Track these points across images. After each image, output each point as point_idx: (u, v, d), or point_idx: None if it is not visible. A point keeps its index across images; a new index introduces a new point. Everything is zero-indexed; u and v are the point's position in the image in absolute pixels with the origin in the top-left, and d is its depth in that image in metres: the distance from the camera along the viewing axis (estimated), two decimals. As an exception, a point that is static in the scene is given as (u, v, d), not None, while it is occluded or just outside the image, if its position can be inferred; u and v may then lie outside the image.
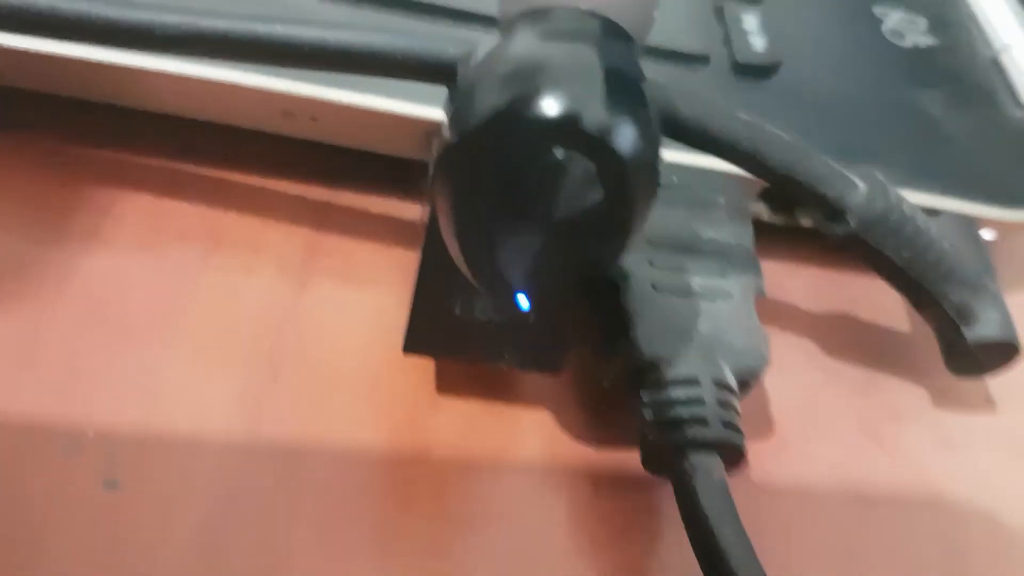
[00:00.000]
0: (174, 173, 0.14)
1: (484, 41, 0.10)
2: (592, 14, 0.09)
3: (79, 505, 0.11)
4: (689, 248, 0.13)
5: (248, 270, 0.13)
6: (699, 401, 0.11)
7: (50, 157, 0.14)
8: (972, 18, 0.20)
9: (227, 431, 0.12)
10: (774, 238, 0.15)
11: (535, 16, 0.09)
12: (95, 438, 0.11)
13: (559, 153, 0.09)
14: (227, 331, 0.13)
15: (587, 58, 0.09)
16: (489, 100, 0.08)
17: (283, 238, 0.14)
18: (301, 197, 0.14)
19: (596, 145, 0.08)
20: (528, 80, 0.08)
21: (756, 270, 0.13)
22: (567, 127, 0.08)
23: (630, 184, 0.09)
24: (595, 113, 0.08)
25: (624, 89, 0.09)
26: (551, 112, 0.08)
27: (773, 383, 0.14)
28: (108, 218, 0.13)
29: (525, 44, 0.09)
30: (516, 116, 0.08)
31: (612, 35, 0.09)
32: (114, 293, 0.13)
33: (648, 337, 0.12)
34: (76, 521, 0.11)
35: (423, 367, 0.13)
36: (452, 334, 0.12)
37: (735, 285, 0.13)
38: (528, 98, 0.08)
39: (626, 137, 0.08)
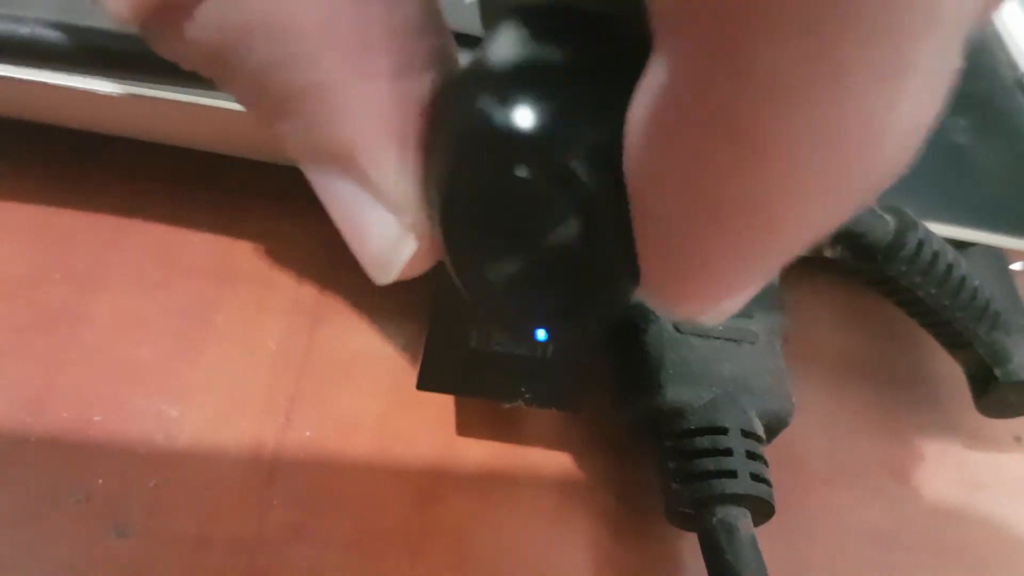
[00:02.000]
0: (184, 205, 0.14)
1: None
2: (574, 10, 0.08)
3: (90, 552, 0.10)
4: (712, 286, 0.13)
5: (261, 307, 0.13)
6: (727, 452, 0.11)
7: (57, 190, 0.14)
8: (997, 39, 0.20)
9: (241, 479, 0.11)
10: (798, 269, 0.15)
11: (517, 16, 0.08)
12: (104, 485, 0.11)
13: (530, 174, 0.08)
14: (240, 374, 0.12)
15: (562, 65, 0.08)
16: (460, 110, 0.08)
17: (296, 273, 0.13)
18: (314, 230, 0.14)
19: (561, 172, 0.07)
20: (496, 96, 0.07)
21: (782, 309, 0.13)
22: (533, 151, 0.07)
23: (609, 205, 0.08)
24: (565, 137, 0.07)
25: (608, 100, 0.08)
26: (518, 129, 0.07)
27: (798, 423, 0.14)
28: (117, 252, 0.13)
29: (501, 46, 0.08)
30: (483, 129, 0.07)
31: (595, 31, 0.08)
32: (126, 334, 0.12)
33: (671, 382, 0.11)
34: (88, 569, 0.10)
35: (439, 409, 0.13)
36: (468, 370, 0.12)
37: (760, 326, 0.12)
38: (496, 110, 0.07)
39: (596, 161, 0.07)
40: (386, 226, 0.08)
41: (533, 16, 0.08)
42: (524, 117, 0.07)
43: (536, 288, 0.09)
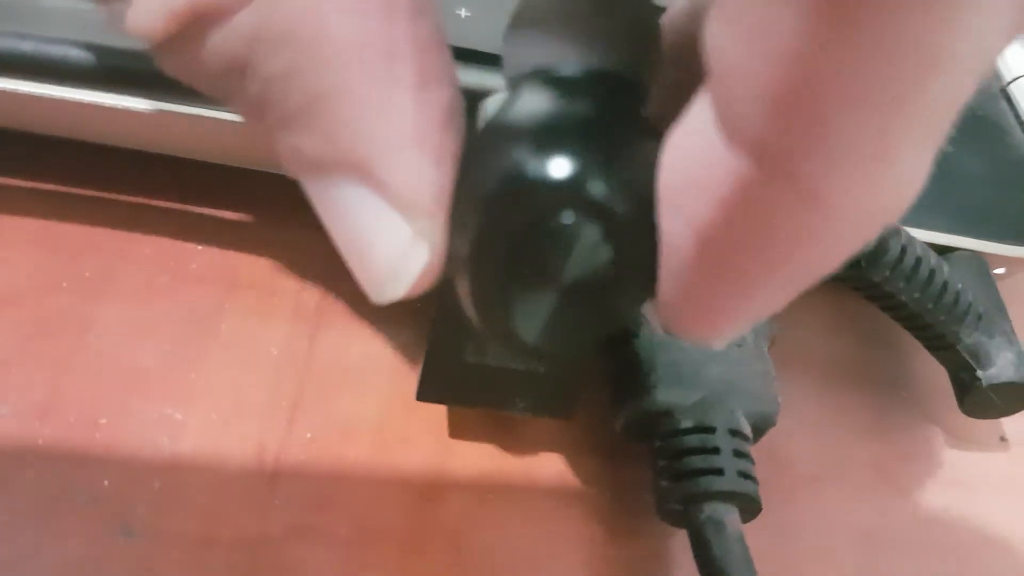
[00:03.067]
0: (188, 215, 0.14)
1: (492, 98, 0.10)
2: (597, 71, 0.09)
3: (97, 552, 0.11)
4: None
5: (264, 314, 0.13)
6: (714, 451, 0.11)
7: (62, 200, 0.14)
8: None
9: (244, 481, 0.12)
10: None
11: (540, 77, 0.09)
12: (111, 487, 0.11)
13: (567, 217, 0.09)
14: (243, 379, 0.13)
15: (591, 120, 0.09)
16: (499, 166, 0.08)
17: (299, 281, 0.14)
18: (316, 239, 0.14)
19: (600, 210, 0.08)
20: (532, 146, 0.08)
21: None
22: (572, 193, 0.08)
23: (637, 246, 0.09)
24: (599, 178, 0.08)
25: (629, 150, 0.09)
26: (556, 177, 0.08)
27: (785, 424, 0.14)
28: (123, 262, 0.14)
29: (530, 107, 0.09)
30: (524, 184, 0.08)
31: (617, 90, 0.09)
32: (131, 340, 0.13)
33: (661, 383, 0.12)
34: (93, 568, 0.11)
35: (437, 412, 0.13)
36: (464, 382, 0.12)
37: (748, 330, 0.13)
38: (532, 165, 0.08)
39: (630, 200, 0.08)
40: (397, 233, 0.08)
41: (557, 75, 0.09)
42: (563, 165, 0.08)
43: (560, 315, 0.09)
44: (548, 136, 0.08)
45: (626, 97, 0.09)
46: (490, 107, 0.10)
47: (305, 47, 0.07)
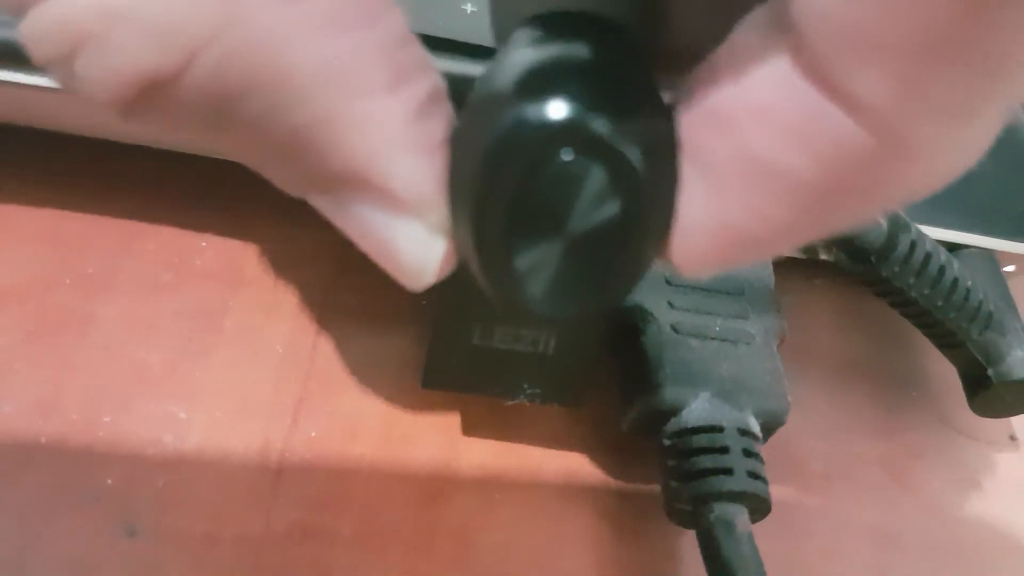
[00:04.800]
0: (192, 211, 0.14)
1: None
2: (591, 15, 0.09)
3: (100, 550, 0.11)
4: (709, 289, 0.13)
5: (269, 311, 0.13)
6: (723, 450, 0.11)
7: (68, 196, 0.14)
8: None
9: (248, 479, 0.12)
10: (794, 271, 0.15)
11: (532, 24, 0.09)
12: (114, 485, 0.11)
13: (570, 159, 0.08)
14: (247, 376, 0.13)
15: (589, 60, 0.08)
16: (494, 112, 0.08)
17: (303, 277, 0.14)
18: (320, 235, 0.14)
19: (601, 147, 0.08)
20: (530, 89, 0.08)
21: (778, 311, 0.13)
22: (569, 131, 0.08)
23: (643, 190, 0.08)
24: (595, 114, 0.08)
25: (626, 89, 0.08)
26: (556, 116, 0.08)
27: (795, 423, 0.14)
28: (127, 258, 0.13)
29: (524, 52, 0.09)
30: (522, 127, 0.08)
31: (615, 35, 0.09)
32: (134, 337, 0.13)
33: (669, 381, 0.12)
34: (95, 567, 0.11)
35: (443, 409, 0.13)
36: (471, 367, 0.12)
37: (757, 327, 0.13)
38: (532, 107, 0.08)
39: (636, 138, 0.08)
40: (413, 234, 0.08)
41: (546, 22, 0.09)
42: (562, 105, 0.08)
43: (567, 271, 0.09)
44: (538, 78, 0.08)
45: (621, 41, 0.09)
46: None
47: (273, 87, 0.07)
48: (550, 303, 0.09)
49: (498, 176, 0.08)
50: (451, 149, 0.09)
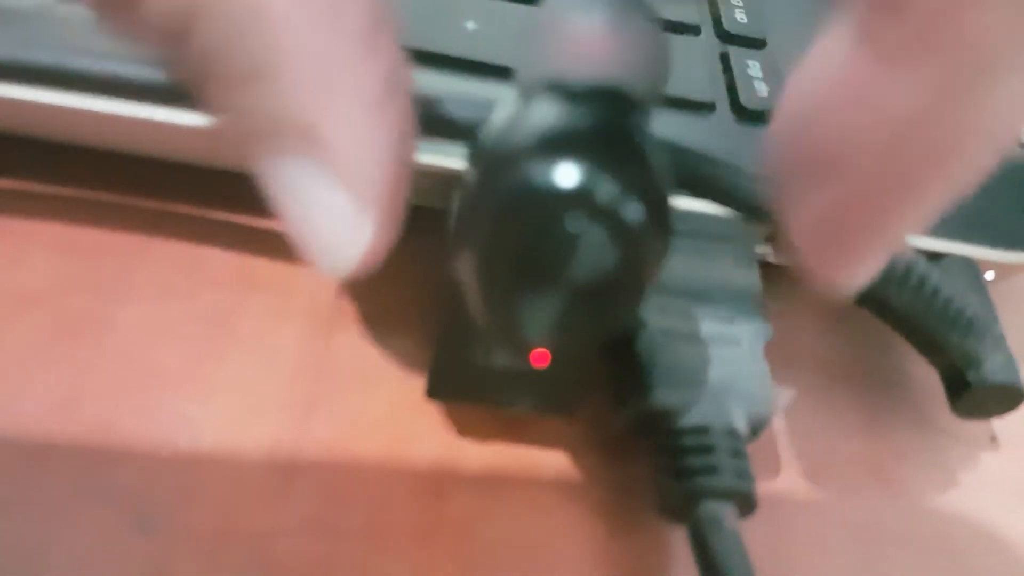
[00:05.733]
0: (206, 220, 0.15)
1: (501, 101, 0.10)
2: (604, 84, 0.10)
3: (115, 546, 0.11)
4: (698, 295, 0.14)
5: (279, 315, 0.14)
6: (711, 450, 0.12)
7: (81, 205, 0.14)
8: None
9: (260, 477, 0.12)
10: (781, 278, 0.16)
11: (552, 87, 0.10)
12: (128, 484, 0.12)
13: (575, 222, 0.09)
14: (259, 376, 0.13)
15: (600, 130, 0.09)
16: (510, 172, 0.09)
17: (313, 283, 0.14)
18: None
19: (608, 216, 0.09)
20: (545, 154, 0.09)
21: (764, 315, 0.14)
22: (581, 199, 0.09)
23: (641, 251, 0.09)
24: (607, 185, 0.09)
25: (635, 159, 0.09)
26: (566, 185, 0.09)
27: (780, 424, 0.15)
28: (142, 265, 0.14)
29: (542, 116, 0.09)
30: (534, 188, 0.09)
31: (624, 104, 0.10)
32: (150, 340, 0.13)
33: (660, 385, 0.12)
34: (110, 561, 0.11)
35: (445, 411, 0.13)
36: (472, 381, 0.12)
37: (744, 331, 0.13)
38: (545, 171, 0.09)
39: (636, 207, 0.09)
40: (342, 209, 0.08)
41: (568, 88, 0.09)
42: (572, 172, 0.09)
43: (565, 314, 0.10)
44: (555, 144, 0.09)
45: (632, 111, 0.10)
46: (498, 116, 0.10)
47: (244, 14, 0.07)
48: (548, 341, 0.10)
49: (506, 231, 0.09)
50: (462, 192, 0.10)
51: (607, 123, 0.09)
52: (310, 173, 0.08)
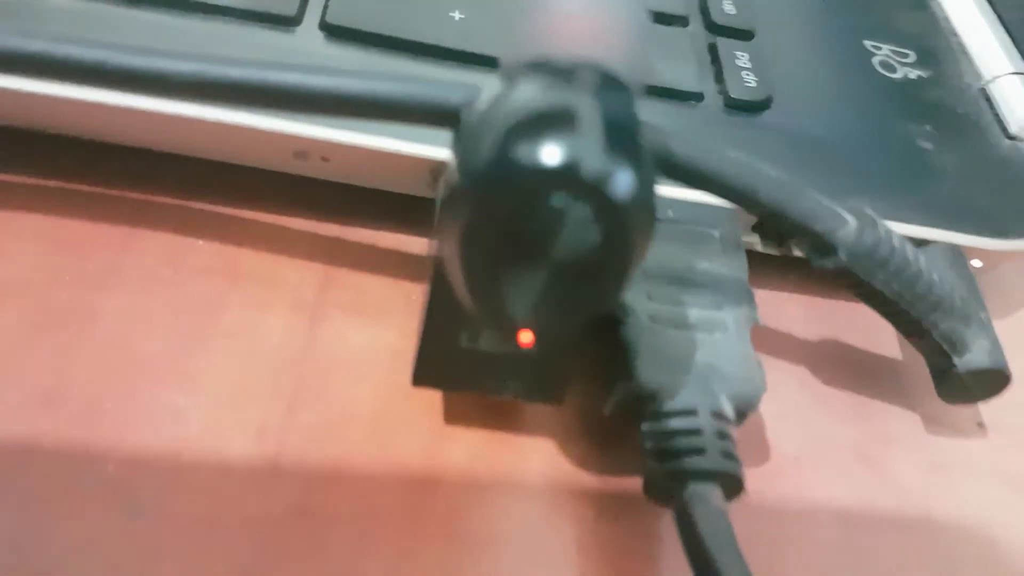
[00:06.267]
0: (190, 211, 0.15)
1: (486, 87, 0.10)
2: (590, 64, 0.10)
3: (104, 532, 0.11)
4: (685, 281, 0.14)
5: (264, 305, 0.14)
6: (697, 432, 0.12)
7: (66, 196, 0.14)
8: (961, 49, 0.21)
9: (246, 462, 0.12)
10: (768, 267, 0.16)
11: (536, 67, 0.10)
12: (117, 471, 0.12)
13: (560, 198, 0.09)
14: (245, 366, 0.13)
15: (585, 108, 0.09)
16: (493, 149, 0.09)
17: (298, 273, 0.14)
18: (314, 233, 0.15)
19: (594, 193, 0.09)
20: (529, 130, 0.09)
21: (751, 301, 0.14)
22: (567, 176, 0.09)
23: (626, 228, 0.09)
24: (592, 162, 0.09)
25: (620, 137, 0.09)
26: (551, 161, 0.09)
27: (768, 409, 0.15)
28: (127, 255, 0.14)
29: (526, 94, 0.09)
30: (518, 165, 0.09)
31: (609, 84, 0.10)
32: (135, 330, 0.13)
33: (647, 369, 0.12)
34: (100, 548, 0.11)
35: (432, 398, 0.13)
36: (458, 367, 0.12)
37: (730, 316, 0.13)
38: (529, 148, 0.09)
39: (622, 184, 0.09)
40: None
41: (553, 66, 0.09)
42: (556, 150, 0.09)
43: (550, 292, 0.10)
44: (539, 121, 0.09)
45: (616, 90, 0.10)
46: (484, 94, 0.10)
47: None
48: (533, 321, 0.10)
49: (491, 207, 0.09)
50: (448, 170, 0.10)
51: (591, 101, 0.09)
52: None
